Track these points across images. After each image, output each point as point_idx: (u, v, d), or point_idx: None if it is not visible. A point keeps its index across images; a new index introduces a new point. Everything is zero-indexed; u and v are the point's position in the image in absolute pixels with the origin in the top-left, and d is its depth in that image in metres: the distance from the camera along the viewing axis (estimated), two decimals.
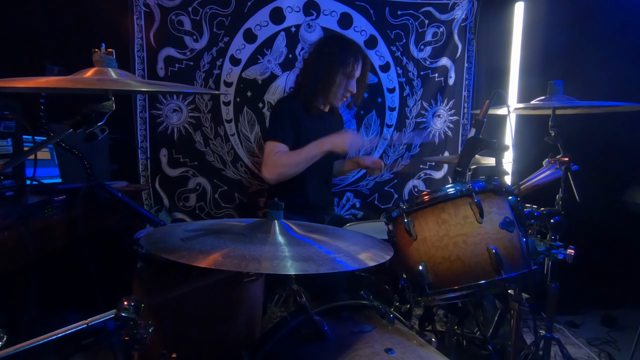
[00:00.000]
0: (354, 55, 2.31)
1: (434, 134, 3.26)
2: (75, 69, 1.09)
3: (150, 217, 1.40)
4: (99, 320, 0.90)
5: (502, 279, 1.33)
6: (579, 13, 2.93)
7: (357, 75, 2.35)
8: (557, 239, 1.68)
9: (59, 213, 1.56)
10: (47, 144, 1.78)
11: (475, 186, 1.38)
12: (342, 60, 2.27)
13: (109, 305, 0.90)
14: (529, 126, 2.70)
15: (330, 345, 1.11)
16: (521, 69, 3.04)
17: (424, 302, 1.43)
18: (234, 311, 1.41)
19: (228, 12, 2.81)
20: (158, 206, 2.90)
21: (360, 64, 2.33)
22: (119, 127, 2.64)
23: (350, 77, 2.32)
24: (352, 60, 2.28)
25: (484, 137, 1.50)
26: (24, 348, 0.82)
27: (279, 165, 2.17)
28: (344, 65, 2.28)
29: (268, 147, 2.22)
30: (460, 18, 3.13)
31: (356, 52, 2.34)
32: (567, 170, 1.79)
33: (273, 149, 2.20)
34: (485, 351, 1.92)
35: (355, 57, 2.31)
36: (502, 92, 1.50)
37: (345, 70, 2.29)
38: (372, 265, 1.04)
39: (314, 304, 1.26)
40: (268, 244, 1.02)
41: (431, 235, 1.40)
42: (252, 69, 2.89)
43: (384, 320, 1.24)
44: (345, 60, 2.27)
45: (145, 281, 1.41)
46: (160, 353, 1.19)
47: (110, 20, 2.64)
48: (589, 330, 2.85)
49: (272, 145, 2.21)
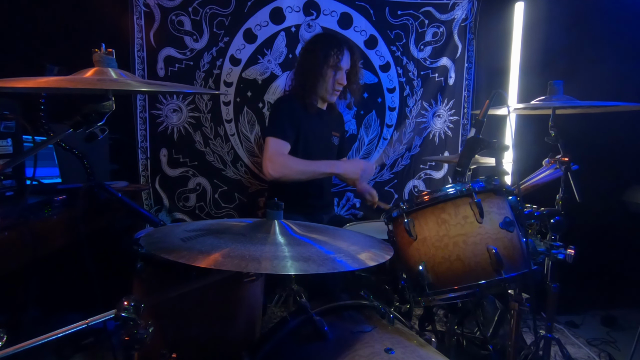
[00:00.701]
0: (337, 46, 2.32)
1: (434, 134, 3.26)
2: (75, 69, 1.09)
3: (150, 217, 1.39)
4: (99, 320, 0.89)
5: (502, 279, 1.33)
6: (579, 13, 2.94)
7: (345, 66, 2.35)
8: (557, 239, 1.68)
9: (59, 213, 1.56)
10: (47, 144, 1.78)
11: (475, 186, 1.38)
12: (325, 53, 2.29)
13: (109, 305, 0.90)
14: (529, 126, 2.70)
15: (330, 345, 1.11)
16: (521, 69, 3.04)
17: (424, 302, 1.43)
18: (234, 311, 1.41)
19: (228, 12, 2.81)
20: (158, 206, 2.90)
21: (345, 55, 2.33)
22: (119, 127, 2.64)
23: (337, 69, 2.33)
24: (335, 52, 2.29)
25: (484, 137, 1.50)
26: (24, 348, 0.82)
27: (286, 167, 2.17)
28: (326, 57, 2.29)
29: (270, 143, 2.20)
30: (460, 18, 3.12)
31: (340, 43, 2.35)
32: (567, 170, 1.79)
33: (276, 146, 2.19)
34: (485, 351, 1.92)
35: (338, 48, 2.31)
36: (502, 92, 1.50)
37: (329, 62, 2.29)
38: (372, 265, 1.04)
39: (313, 304, 1.26)
40: (268, 244, 1.02)
41: (431, 235, 1.40)
42: (252, 69, 2.89)
43: (384, 320, 1.24)
44: (328, 52, 2.29)
45: (145, 281, 1.41)
46: (160, 353, 1.19)
47: (110, 20, 2.64)
48: (589, 330, 2.85)
49: (274, 142, 2.20)
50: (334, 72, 2.33)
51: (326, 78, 2.33)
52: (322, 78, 2.32)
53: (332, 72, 2.32)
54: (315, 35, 2.63)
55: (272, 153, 2.18)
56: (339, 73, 2.34)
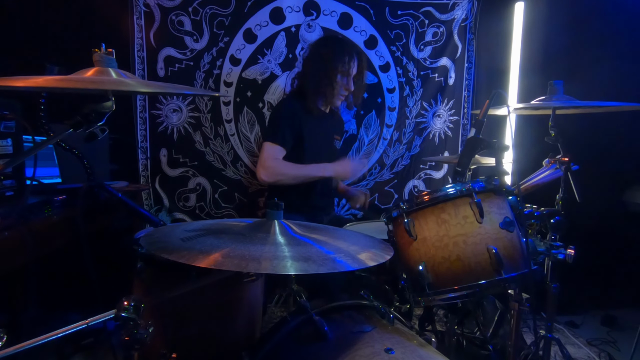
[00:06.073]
0: (349, 53, 2.35)
1: (434, 134, 3.26)
2: (75, 69, 1.09)
3: (150, 217, 1.39)
4: (99, 320, 0.89)
5: (502, 279, 1.33)
6: (579, 13, 2.94)
7: (353, 72, 2.37)
8: (557, 239, 1.68)
9: (59, 213, 1.56)
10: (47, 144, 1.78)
11: (475, 186, 1.38)
12: (340, 60, 2.31)
13: (109, 305, 0.89)
14: (529, 126, 2.70)
15: (330, 345, 1.11)
16: (521, 69, 3.04)
17: (424, 302, 1.43)
18: (234, 311, 1.41)
19: (228, 12, 2.81)
20: (158, 206, 2.90)
21: (356, 61, 2.37)
22: (119, 127, 2.65)
23: (348, 76, 2.36)
24: (347, 59, 2.32)
25: (484, 137, 1.50)
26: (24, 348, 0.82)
27: (279, 173, 2.22)
28: (341, 65, 2.31)
29: (266, 149, 2.23)
30: (460, 18, 3.12)
31: (351, 50, 2.38)
32: (567, 170, 1.79)
33: (271, 152, 2.22)
34: (485, 351, 1.92)
35: (351, 56, 2.34)
36: (502, 92, 1.50)
37: (343, 70, 2.32)
38: (372, 265, 1.04)
39: (313, 304, 1.26)
40: (268, 244, 1.02)
41: (431, 235, 1.40)
42: (252, 69, 2.89)
43: (384, 320, 1.24)
44: (342, 59, 2.31)
45: (145, 281, 1.41)
46: (160, 353, 1.19)
47: (110, 20, 2.64)
48: (589, 330, 2.85)
49: (271, 147, 2.23)
50: (344, 78, 2.36)
51: (335, 84, 2.34)
52: (332, 84, 2.34)
53: (342, 80, 2.35)
54: (325, 39, 2.64)
55: (265, 158, 2.21)
56: (348, 79, 2.37)
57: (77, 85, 1.01)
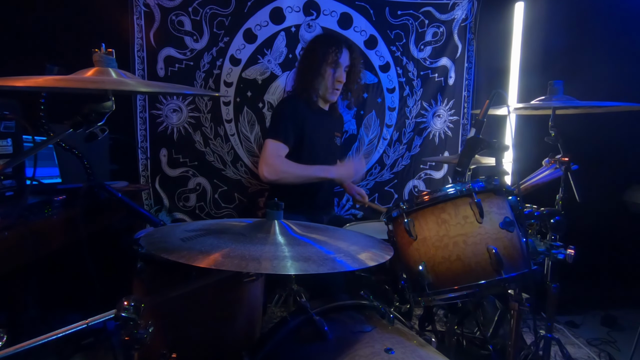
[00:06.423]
0: (335, 44, 2.36)
1: (434, 134, 3.26)
2: (75, 69, 1.09)
3: (150, 217, 1.39)
4: (99, 320, 0.89)
5: (502, 279, 1.33)
6: (579, 13, 2.94)
7: (343, 63, 2.37)
8: (557, 239, 1.68)
9: (59, 213, 1.56)
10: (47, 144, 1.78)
11: (475, 186, 1.38)
12: (323, 51, 2.34)
13: (109, 305, 0.89)
14: (529, 126, 2.70)
15: (330, 345, 1.11)
16: (521, 69, 3.04)
17: (424, 302, 1.43)
18: (234, 311, 1.41)
19: (228, 12, 2.81)
20: (158, 206, 2.90)
21: (344, 53, 2.36)
22: (119, 127, 2.64)
23: (336, 67, 2.35)
24: (333, 49, 2.33)
25: (484, 137, 1.50)
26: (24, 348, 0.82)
27: (282, 171, 2.21)
28: (325, 55, 2.33)
29: (269, 145, 2.22)
30: (460, 18, 3.12)
31: (338, 41, 2.39)
32: (567, 170, 1.79)
33: (274, 149, 2.21)
34: (485, 351, 1.92)
35: (337, 46, 2.35)
36: (502, 92, 1.50)
37: (328, 60, 2.33)
38: (372, 265, 1.04)
39: (313, 304, 1.26)
40: (268, 244, 1.02)
41: (431, 235, 1.40)
42: (252, 69, 2.89)
43: (384, 320, 1.24)
44: (326, 50, 2.33)
45: (145, 281, 1.41)
46: (160, 353, 1.19)
47: (110, 20, 2.64)
48: (589, 330, 2.85)
49: (274, 144, 2.22)
50: (333, 69, 2.35)
51: (325, 75, 2.35)
52: (322, 76, 2.35)
53: (330, 70, 2.35)
54: (315, 36, 2.66)
55: (268, 155, 2.20)
56: (338, 70, 2.36)
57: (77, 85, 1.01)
